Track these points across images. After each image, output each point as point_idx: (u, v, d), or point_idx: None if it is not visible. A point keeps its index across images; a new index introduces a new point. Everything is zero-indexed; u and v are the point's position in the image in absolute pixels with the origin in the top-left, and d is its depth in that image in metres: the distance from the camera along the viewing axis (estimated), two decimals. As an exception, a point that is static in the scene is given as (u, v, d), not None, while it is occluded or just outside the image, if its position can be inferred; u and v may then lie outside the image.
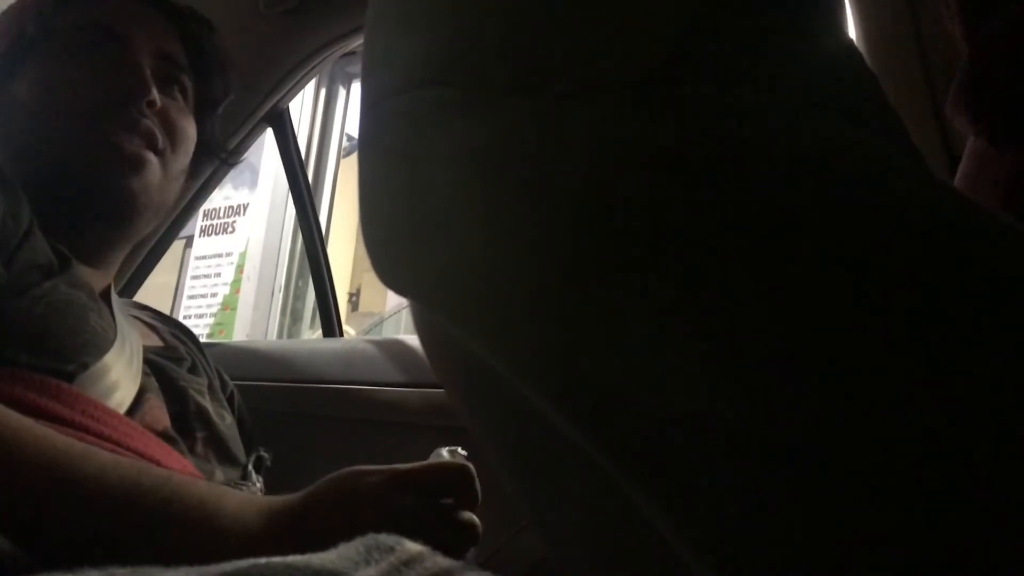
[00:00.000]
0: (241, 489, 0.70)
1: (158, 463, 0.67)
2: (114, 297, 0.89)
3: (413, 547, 0.40)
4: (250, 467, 0.85)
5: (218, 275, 3.87)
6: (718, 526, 0.19)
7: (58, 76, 0.85)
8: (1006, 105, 0.44)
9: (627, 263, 0.20)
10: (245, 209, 3.78)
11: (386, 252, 0.28)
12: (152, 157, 0.86)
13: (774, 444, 0.18)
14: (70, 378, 0.70)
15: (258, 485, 0.80)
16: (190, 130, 0.93)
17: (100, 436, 0.66)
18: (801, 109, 0.21)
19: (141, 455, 0.68)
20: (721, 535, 0.19)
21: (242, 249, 3.74)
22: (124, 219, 0.87)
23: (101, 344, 0.75)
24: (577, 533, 0.24)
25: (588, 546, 0.24)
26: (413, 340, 1.28)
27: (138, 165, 0.85)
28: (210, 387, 0.96)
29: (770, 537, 0.18)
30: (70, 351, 0.71)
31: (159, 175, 0.88)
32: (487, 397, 0.26)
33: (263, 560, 0.37)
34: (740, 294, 0.19)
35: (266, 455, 0.91)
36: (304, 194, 1.68)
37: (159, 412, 0.81)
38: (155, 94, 0.86)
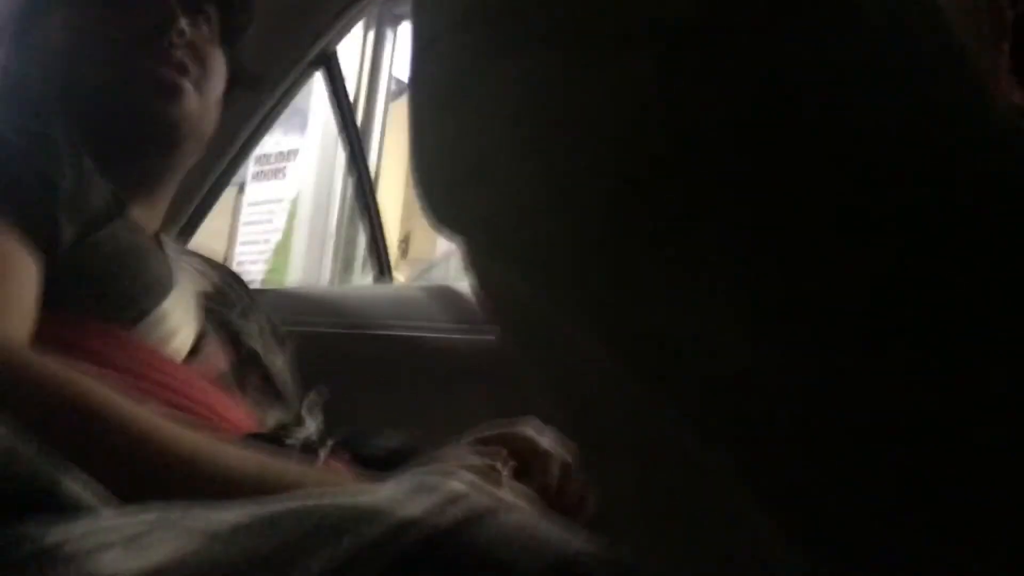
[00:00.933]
0: (294, 434, 0.71)
1: (216, 411, 0.68)
2: (166, 242, 0.91)
3: (458, 486, 0.41)
4: (304, 410, 0.86)
5: (270, 221, 3.91)
6: (772, 469, 0.19)
7: (88, 14, 0.86)
8: None
9: (675, 212, 0.20)
10: (296, 155, 3.80)
11: (436, 194, 0.28)
12: (187, 85, 0.87)
13: (828, 399, 0.17)
14: (132, 325, 0.72)
15: (313, 427, 0.81)
16: (219, 58, 0.94)
17: (161, 385, 0.68)
18: (851, 50, 0.20)
19: (200, 403, 0.69)
20: (776, 480, 0.19)
21: (293, 195, 3.77)
22: (168, 148, 0.88)
23: (161, 290, 0.76)
24: (628, 481, 0.24)
25: (640, 494, 0.24)
26: (462, 287, 1.29)
27: (175, 93, 0.86)
28: (261, 331, 0.97)
29: (824, 483, 0.18)
30: (132, 298, 0.73)
31: (196, 102, 0.88)
32: (537, 337, 0.26)
33: (311, 499, 0.38)
34: (795, 243, 0.18)
35: (319, 395, 0.93)
36: (354, 139, 1.69)
37: (218, 356, 0.83)
38: (183, 24, 0.86)
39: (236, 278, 1.09)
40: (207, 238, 1.04)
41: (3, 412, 0.48)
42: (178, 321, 0.78)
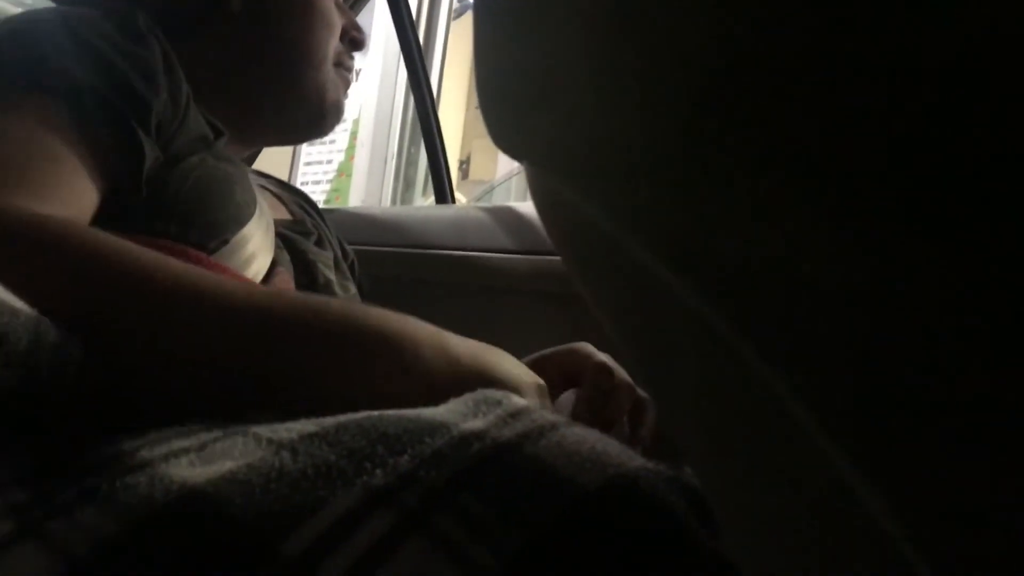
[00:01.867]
0: None
1: None
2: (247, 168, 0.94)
3: (519, 401, 0.41)
4: None
5: (333, 141, 3.93)
6: (836, 385, 0.18)
7: (328, 5, 0.97)
8: None
9: (752, 126, 0.19)
10: (357, 75, 3.79)
11: (501, 114, 0.28)
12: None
13: (896, 309, 0.17)
14: (211, 252, 0.74)
15: None
16: None
17: None
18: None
19: None
20: (839, 394, 0.18)
21: (355, 116, 3.77)
22: (325, 134, 1.04)
23: (242, 217, 0.78)
24: (690, 396, 0.24)
25: (701, 410, 0.24)
26: (524, 207, 1.28)
27: (341, 111, 1.03)
28: (335, 259, 1.00)
29: (887, 395, 0.18)
30: (215, 225, 0.75)
31: None
32: (602, 261, 0.26)
33: (376, 412, 0.39)
34: (866, 159, 0.18)
35: None
36: (416, 58, 1.67)
37: (287, 284, 0.85)
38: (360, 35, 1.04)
39: (311, 202, 1.11)
40: (271, 157, 1.09)
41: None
42: (255, 247, 0.79)
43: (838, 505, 0.20)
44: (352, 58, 1.02)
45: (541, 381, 0.60)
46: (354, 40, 1.01)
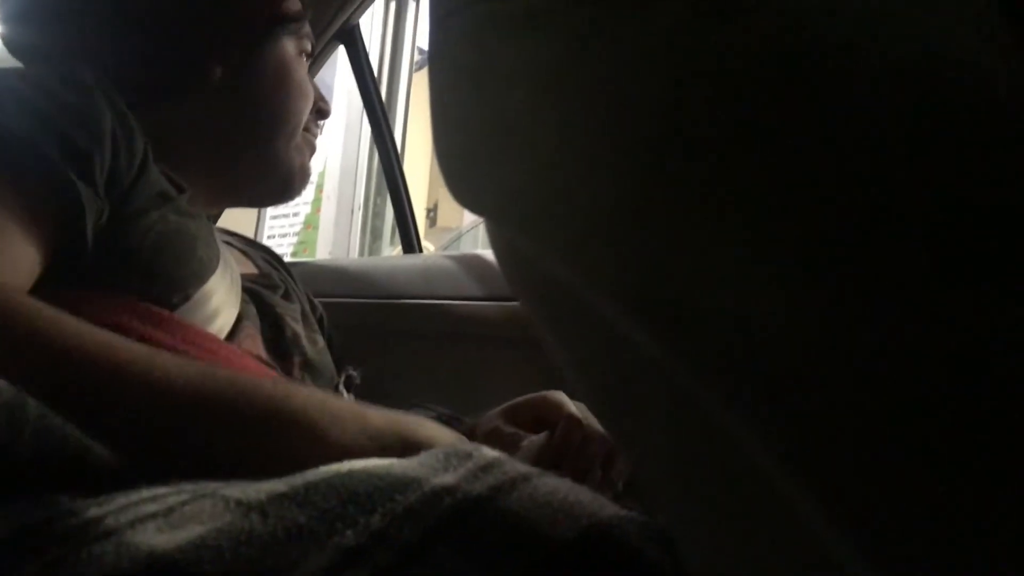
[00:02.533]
0: None
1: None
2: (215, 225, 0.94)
3: (490, 453, 0.41)
4: (341, 386, 0.88)
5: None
6: (799, 435, 0.19)
7: (302, 78, 0.98)
8: None
9: (708, 174, 0.19)
10: (322, 128, 3.80)
11: (460, 169, 0.28)
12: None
13: (856, 355, 0.17)
14: (173, 307, 0.73)
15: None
16: None
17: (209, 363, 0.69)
18: (899, 10, 0.20)
19: None
20: (803, 444, 0.19)
21: (321, 168, 3.78)
22: (291, 198, 1.04)
23: (205, 273, 0.77)
24: (655, 448, 0.24)
25: (670, 465, 0.24)
26: (491, 254, 1.29)
27: (308, 175, 1.02)
28: (303, 312, 0.99)
29: (853, 446, 0.18)
30: (177, 281, 0.74)
31: None
32: (563, 313, 0.26)
33: (344, 468, 0.39)
34: (831, 205, 0.18)
35: (355, 373, 0.95)
36: (378, 111, 1.69)
37: (253, 340, 0.84)
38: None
39: (277, 259, 1.11)
40: (238, 212, 1.08)
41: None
42: (219, 302, 0.79)
43: (806, 551, 0.20)
44: (318, 125, 1.04)
45: (464, 439, 0.62)
46: (320, 110, 1.03)
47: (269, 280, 0.98)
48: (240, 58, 0.91)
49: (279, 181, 0.98)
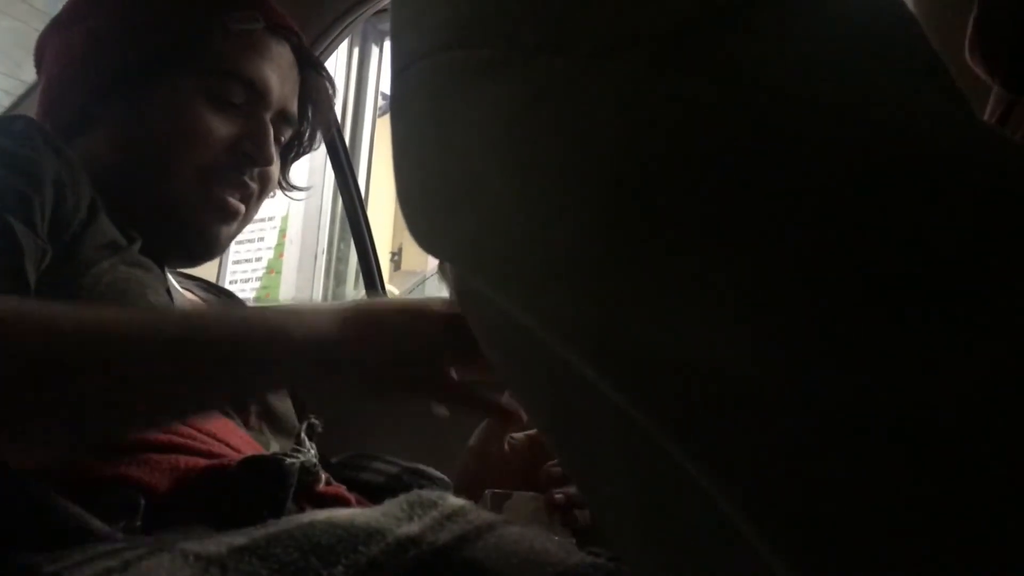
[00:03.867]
0: (293, 457, 0.71)
1: (219, 437, 0.68)
2: (168, 275, 0.91)
3: (456, 502, 0.41)
4: (303, 435, 0.86)
5: (261, 239, 3.90)
6: (759, 480, 0.19)
7: (193, 119, 0.86)
8: (1008, 51, 0.42)
9: (664, 222, 0.20)
10: (259, 177, 3.79)
11: (421, 216, 0.28)
12: (243, 208, 0.91)
13: (813, 401, 0.17)
14: None
15: (312, 452, 0.81)
16: (276, 178, 0.97)
17: None
18: (838, 58, 0.21)
19: (202, 430, 0.69)
20: (763, 488, 0.19)
21: (284, 213, 3.76)
22: (201, 258, 0.93)
23: None
24: (618, 494, 0.24)
25: (631, 510, 0.24)
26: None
27: (232, 217, 0.90)
28: None
29: (811, 491, 0.18)
30: None
31: (243, 222, 0.94)
32: (524, 359, 0.26)
33: (306, 519, 0.38)
34: (781, 250, 0.18)
35: (317, 422, 0.93)
36: (342, 156, 1.69)
37: None
38: (273, 164, 0.91)
39: (238, 303, 1.09)
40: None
41: None
42: None
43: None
44: (245, 174, 0.90)
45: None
46: (247, 155, 0.89)
47: None
48: (131, 95, 0.87)
49: (173, 234, 0.88)
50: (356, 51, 3.56)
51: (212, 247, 0.91)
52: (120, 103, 0.87)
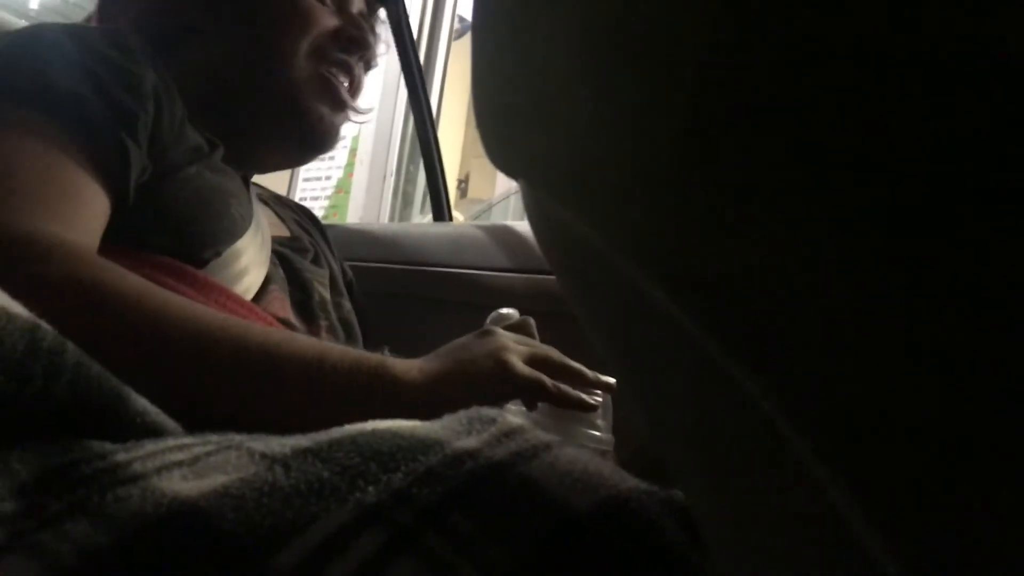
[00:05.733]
0: None
1: None
2: (251, 183, 0.94)
3: (514, 420, 0.41)
4: None
5: (332, 158, 3.93)
6: (827, 411, 0.18)
7: (305, 5, 0.93)
8: None
9: (752, 138, 0.19)
10: (356, 62, 3.79)
11: (497, 133, 0.28)
12: (350, 99, 0.98)
13: (888, 334, 0.17)
14: (204, 263, 0.74)
15: None
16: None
17: None
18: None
19: None
20: (829, 419, 0.18)
21: (355, 133, 3.78)
22: (318, 150, 0.99)
23: (237, 230, 0.78)
24: (680, 417, 0.24)
25: (688, 432, 0.24)
26: (520, 226, 1.28)
27: (344, 107, 0.97)
28: (331, 277, 1.00)
29: (880, 420, 0.18)
30: (209, 237, 0.75)
31: (346, 115, 1.00)
32: (596, 282, 0.26)
33: (369, 427, 0.39)
34: (865, 180, 0.18)
35: (388, 352, 0.95)
36: (416, 77, 1.68)
37: (281, 302, 0.85)
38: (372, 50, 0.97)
39: (312, 218, 1.12)
40: (272, 174, 1.06)
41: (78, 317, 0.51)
42: (248, 261, 0.80)
43: (829, 531, 0.19)
44: (348, 55, 0.96)
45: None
46: (352, 37, 0.95)
47: (299, 244, 0.99)
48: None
49: (291, 124, 0.93)
50: (435, -29, 3.51)
51: (327, 134, 0.96)
52: (228, 7, 0.90)
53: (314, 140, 0.96)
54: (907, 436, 0.17)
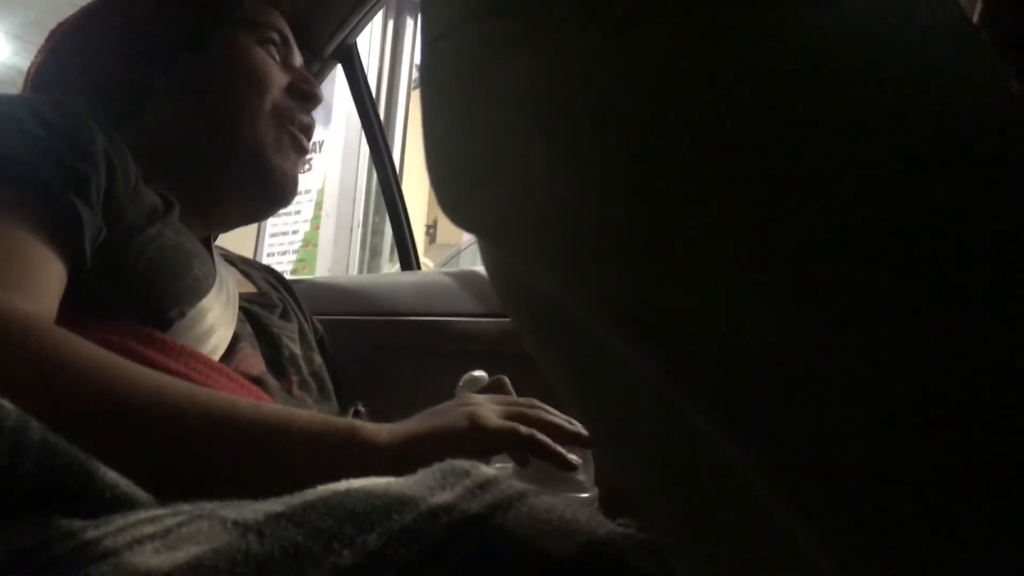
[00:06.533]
0: None
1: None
2: (213, 244, 0.93)
3: (487, 471, 0.41)
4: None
5: (298, 212, 3.94)
6: (786, 452, 0.19)
7: (257, 62, 0.94)
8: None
9: (697, 190, 0.20)
10: (321, 146, 3.82)
11: (451, 189, 0.28)
12: (308, 147, 0.99)
13: (841, 373, 0.17)
14: (169, 324, 0.73)
15: None
16: None
17: (200, 384, 0.69)
18: (868, 23, 0.20)
19: None
20: (788, 460, 0.19)
21: (320, 186, 3.79)
22: (280, 203, 0.98)
23: (201, 289, 0.78)
24: (646, 465, 0.24)
25: (657, 477, 0.24)
26: (489, 271, 1.29)
27: (302, 154, 0.97)
28: (300, 331, 0.99)
29: (837, 461, 0.18)
30: (172, 298, 0.74)
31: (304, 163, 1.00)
32: (555, 331, 0.26)
33: (342, 487, 0.39)
34: (817, 219, 0.18)
35: (363, 409, 0.95)
36: (376, 130, 1.69)
37: (253, 359, 0.84)
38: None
39: (278, 277, 1.11)
40: (237, 231, 1.05)
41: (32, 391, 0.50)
42: (214, 320, 0.79)
43: (795, 568, 0.20)
44: (305, 112, 0.97)
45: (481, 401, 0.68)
46: (303, 92, 0.97)
47: (267, 299, 0.99)
48: (187, 60, 0.91)
49: (252, 179, 0.93)
50: (391, 23, 3.55)
51: (290, 187, 0.96)
52: (183, 66, 0.90)
53: (278, 195, 0.96)
54: (875, 483, 0.17)
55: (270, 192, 0.95)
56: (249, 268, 1.06)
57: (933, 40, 0.21)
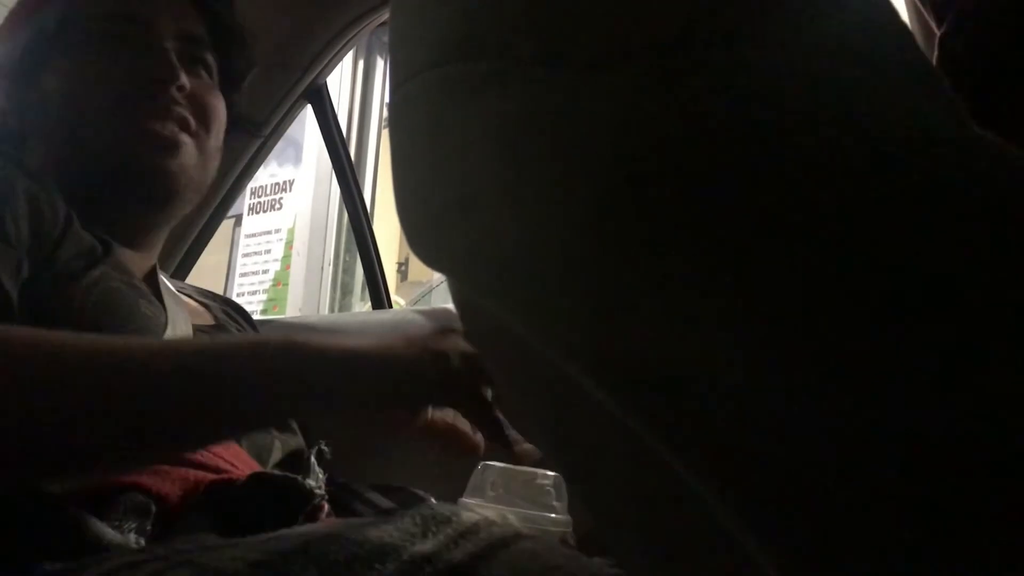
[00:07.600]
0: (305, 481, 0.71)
1: (216, 452, 0.68)
2: (162, 279, 0.91)
3: (469, 518, 0.41)
4: (312, 459, 0.86)
5: (268, 252, 3.92)
6: (756, 492, 0.19)
7: (86, 67, 0.88)
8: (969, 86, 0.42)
9: (659, 233, 0.20)
10: (291, 185, 3.81)
11: (419, 229, 0.28)
12: (187, 139, 0.89)
13: (805, 413, 0.17)
14: None
15: (321, 477, 0.81)
16: (220, 108, 0.95)
17: None
18: (838, 69, 0.21)
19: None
20: (759, 500, 0.19)
21: (290, 225, 3.78)
22: (165, 200, 0.90)
23: (152, 330, 0.77)
24: (617, 500, 0.24)
25: (628, 511, 0.24)
26: (461, 309, 1.29)
27: (174, 148, 0.87)
28: None
29: (812, 507, 0.18)
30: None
31: (195, 155, 0.90)
32: (523, 369, 0.26)
33: (321, 533, 0.38)
34: (778, 263, 0.19)
35: (327, 448, 0.93)
36: (346, 169, 1.69)
37: None
38: (184, 79, 0.88)
39: (238, 308, 1.09)
40: (206, 271, 1.03)
41: None
42: None
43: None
44: (163, 99, 0.88)
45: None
46: (156, 79, 0.88)
47: (225, 330, 0.97)
48: (24, 88, 0.89)
49: (140, 182, 0.87)
50: (361, 63, 3.58)
51: (168, 183, 0.88)
52: (33, 111, 0.89)
53: (157, 195, 0.90)
54: (845, 522, 0.17)
55: (148, 193, 0.89)
56: (206, 299, 1.05)
57: (895, 82, 0.21)
